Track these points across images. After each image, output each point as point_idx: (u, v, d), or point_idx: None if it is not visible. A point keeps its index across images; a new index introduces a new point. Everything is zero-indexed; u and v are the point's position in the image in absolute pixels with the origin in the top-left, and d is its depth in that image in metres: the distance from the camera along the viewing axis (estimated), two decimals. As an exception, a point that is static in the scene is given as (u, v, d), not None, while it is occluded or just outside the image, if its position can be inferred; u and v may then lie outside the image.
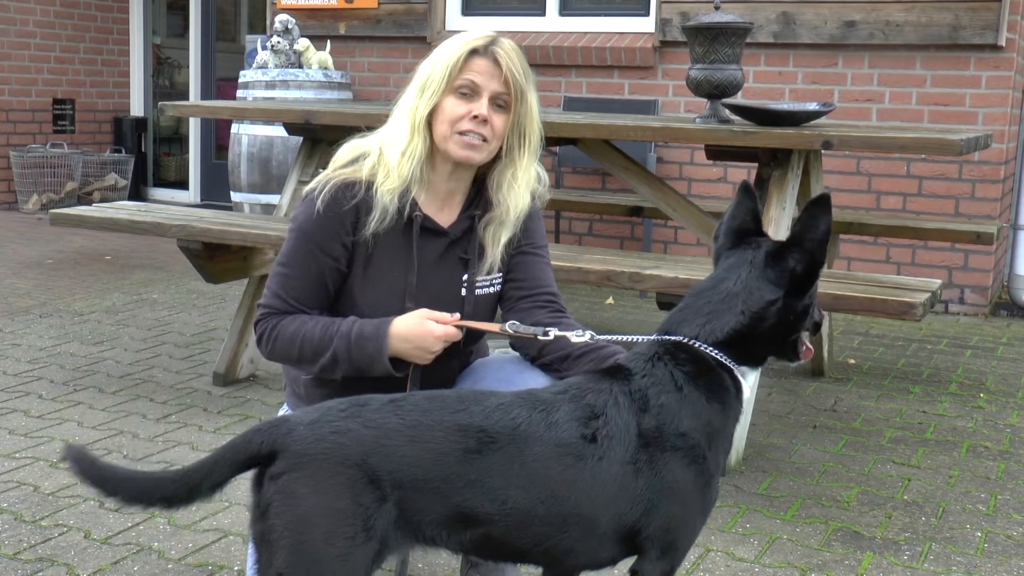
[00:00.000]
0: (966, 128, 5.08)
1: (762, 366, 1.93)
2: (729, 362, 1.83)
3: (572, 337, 2.05)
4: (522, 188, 2.17)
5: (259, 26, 8.65)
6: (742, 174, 5.97)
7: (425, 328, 2.06)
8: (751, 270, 1.84)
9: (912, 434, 3.73)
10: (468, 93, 2.09)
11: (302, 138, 4.42)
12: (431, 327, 2.06)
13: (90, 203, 7.59)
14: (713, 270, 1.92)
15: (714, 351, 1.82)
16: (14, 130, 8.47)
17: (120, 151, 8.88)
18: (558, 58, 6.36)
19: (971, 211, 5.61)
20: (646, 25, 6.34)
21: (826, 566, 2.69)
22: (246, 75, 6.66)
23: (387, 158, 2.13)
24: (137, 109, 9.32)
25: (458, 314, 2.12)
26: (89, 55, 8.96)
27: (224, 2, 9.13)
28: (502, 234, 2.18)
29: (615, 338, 2.09)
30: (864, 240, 5.71)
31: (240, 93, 6.66)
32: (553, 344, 2.11)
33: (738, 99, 4.35)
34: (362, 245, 2.14)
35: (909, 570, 2.68)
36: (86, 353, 4.45)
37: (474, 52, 2.08)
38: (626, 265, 3.44)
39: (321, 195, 2.12)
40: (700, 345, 1.82)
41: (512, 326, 2.10)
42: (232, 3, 9.25)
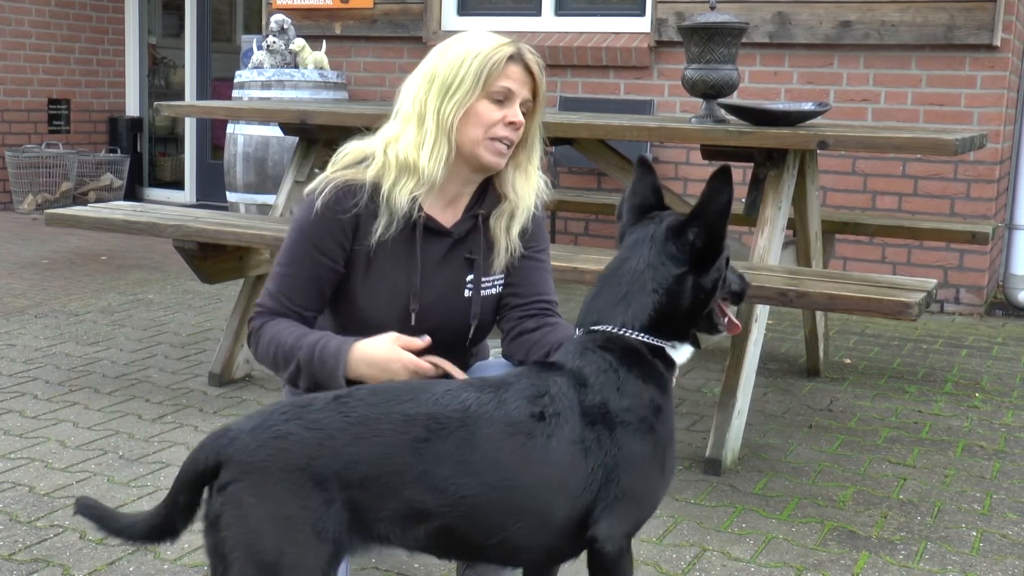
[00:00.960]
0: (961, 128, 5.08)
1: (689, 339, 1.89)
2: (659, 342, 1.82)
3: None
4: (533, 187, 2.19)
5: (255, 26, 8.64)
6: (738, 174, 5.97)
7: (393, 354, 2.01)
8: (652, 246, 1.83)
9: (907, 434, 3.73)
10: (502, 99, 2.07)
11: (298, 138, 4.42)
12: (399, 355, 2.01)
13: (85, 203, 7.58)
14: (617, 249, 1.90)
15: (643, 336, 1.81)
16: (9, 130, 8.46)
17: (116, 151, 8.86)
18: (554, 58, 6.36)
19: (966, 211, 5.62)
20: (642, 25, 6.35)
21: (822, 565, 2.69)
22: (242, 75, 6.66)
23: (405, 160, 2.08)
24: (133, 109, 9.31)
25: (428, 338, 2.05)
26: (84, 55, 8.95)
27: (220, 2, 9.13)
28: (514, 225, 2.17)
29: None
30: (860, 240, 5.72)
31: (236, 93, 6.66)
32: (539, 351, 2.11)
33: (734, 99, 4.35)
34: (363, 249, 2.12)
35: (904, 569, 2.69)
36: (82, 353, 4.44)
37: (510, 58, 2.06)
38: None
39: (321, 195, 2.09)
40: (628, 332, 1.81)
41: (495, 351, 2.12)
42: (228, 3, 9.24)
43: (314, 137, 4.32)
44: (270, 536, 1.59)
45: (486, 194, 2.19)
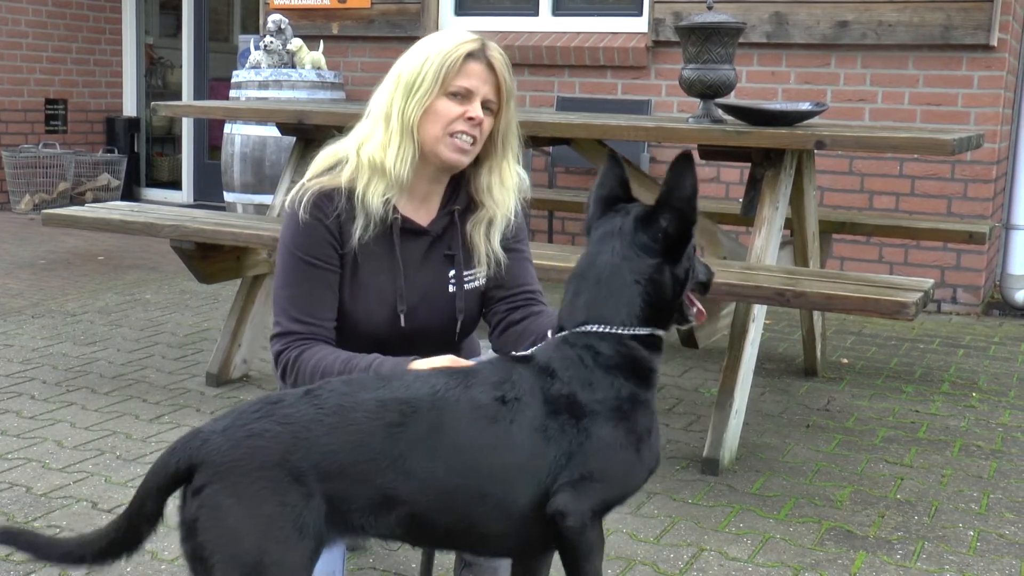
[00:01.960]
0: (958, 128, 5.08)
1: (668, 329, 1.87)
2: (650, 331, 1.80)
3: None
4: (510, 190, 2.19)
5: (252, 26, 8.63)
6: (735, 174, 5.98)
7: None
8: (621, 239, 1.81)
9: (905, 433, 3.74)
10: (461, 96, 2.08)
11: (295, 138, 4.41)
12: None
13: (83, 203, 7.57)
14: (586, 243, 1.89)
15: (637, 330, 1.79)
16: (6, 130, 8.45)
17: (113, 151, 8.86)
18: (551, 58, 6.36)
19: (963, 211, 5.63)
20: (639, 25, 6.35)
21: (819, 565, 2.70)
22: (239, 75, 6.65)
23: (374, 161, 2.10)
24: (130, 109, 9.30)
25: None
26: (81, 55, 8.94)
27: (217, 2, 9.12)
28: (494, 232, 2.18)
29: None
30: (857, 240, 5.72)
31: (233, 93, 6.65)
32: (525, 339, 2.12)
33: (731, 99, 4.35)
34: (348, 255, 2.13)
35: (902, 569, 2.69)
36: (79, 354, 4.44)
37: (470, 56, 2.07)
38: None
39: (302, 206, 2.10)
40: (626, 329, 1.79)
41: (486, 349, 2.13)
42: (225, 3, 9.24)
43: (311, 137, 4.31)
44: (250, 536, 1.56)
45: (459, 190, 2.20)
